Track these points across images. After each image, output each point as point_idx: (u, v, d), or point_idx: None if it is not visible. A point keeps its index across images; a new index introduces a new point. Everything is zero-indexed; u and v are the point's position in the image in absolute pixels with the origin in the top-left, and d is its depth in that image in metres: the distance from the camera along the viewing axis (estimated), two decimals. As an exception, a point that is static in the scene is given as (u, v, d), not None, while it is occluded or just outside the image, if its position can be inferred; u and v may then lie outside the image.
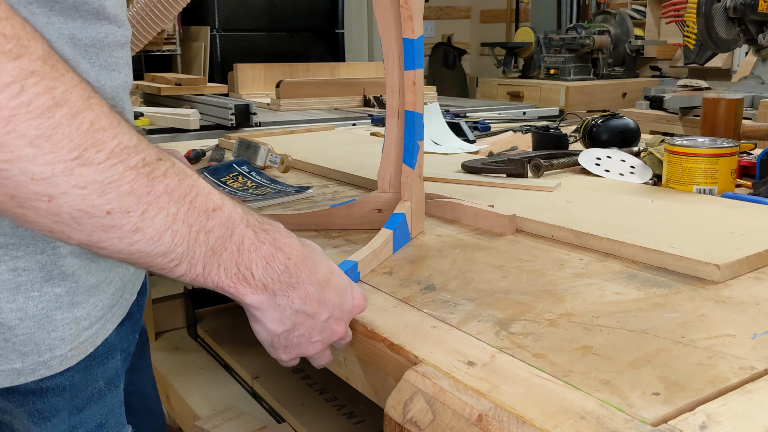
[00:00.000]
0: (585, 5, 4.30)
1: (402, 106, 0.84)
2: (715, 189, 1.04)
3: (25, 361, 0.57)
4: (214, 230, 0.49)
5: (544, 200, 1.01)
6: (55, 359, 0.59)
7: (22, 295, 0.56)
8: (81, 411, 0.63)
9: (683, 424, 0.46)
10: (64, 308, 0.58)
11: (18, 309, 0.56)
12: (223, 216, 0.50)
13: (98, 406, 0.65)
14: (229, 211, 0.51)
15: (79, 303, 0.60)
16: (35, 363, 0.58)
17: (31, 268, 0.56)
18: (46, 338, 0.57)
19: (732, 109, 1.41)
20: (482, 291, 0.71)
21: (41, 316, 0.57)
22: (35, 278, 0.56)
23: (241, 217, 0.52)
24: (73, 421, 0.63)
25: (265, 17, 3.65)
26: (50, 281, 0.57)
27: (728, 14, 2.16)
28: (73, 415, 0.62)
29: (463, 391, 0.51)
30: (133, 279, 0.70)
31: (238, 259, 0.52)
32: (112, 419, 0.67)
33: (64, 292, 0.58)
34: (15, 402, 0.59)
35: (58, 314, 0.58)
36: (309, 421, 1.38)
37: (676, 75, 3.71)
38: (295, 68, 3.06)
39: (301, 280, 0.55)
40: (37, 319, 0.57)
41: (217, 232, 0.50)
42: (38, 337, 0.57)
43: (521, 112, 2.65)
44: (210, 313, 1.92)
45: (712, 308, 0.65)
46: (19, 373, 0.57)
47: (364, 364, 0.64)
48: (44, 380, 0.59)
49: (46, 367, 0.58)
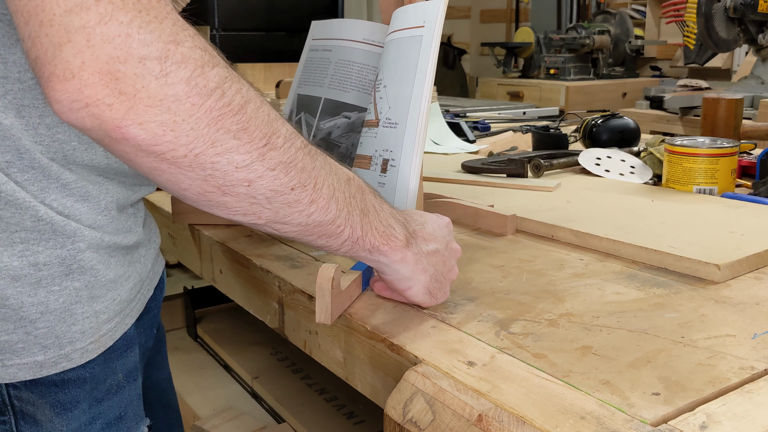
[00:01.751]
0: (585, 5, 4.30)
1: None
2: (715, 189, 1.04)
3: (47, 354, 0.59)
4: (356, 195, 0.56)
5: (544, 200, 1.01)
6: (76, 352, 0.60)
7: (43, 289, 0.58)
8: (101, 402, 0.65)
9: (683, 424, 0.46)
10: (84, 302, 0.60)
11: (39, 303, 0.58)
12: (356, 182, 0.57)
13: (117, 398, 0.66)
14: (356, 177, 0.57)
15: (98, 297, 0.61)
16: (57, 356, 0.59)
17: (51, 262, 0.58)
18: (67, 331, 0.59)
19: (732, 109, 1.41)
20: (482, 291, 0.71)
21: (62, 309, 0.59)
22: (55, 273, 0.58)
23: (363, 182, 0.58)
24: (93, 412, 0.64)
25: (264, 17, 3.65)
26: (70, 275, 0.59)
27: (728, 14, 2.16)
28: (93, 407, 0.64)
29: (463, 391, 0.51)
30: (150, 275, 0.71)
31: (380, 217, 0.58)
32: (131, 411, 0.68)
33: (83, 286, 0.60)
34: (37, 393, 0.61)
35: (78, 308, 0.60)
36: (309, 421, 1.38)
37: (676, 75, 3.71)
38: (295, 68, 3.06)
39: (413, 226, 0.61)
40: (58, 312, 0.58)
41: (358, 196, 0.56)
42: (59, 331, 0.59)
43: (521, 112, 2.64)
44: (210, 313, 1.92)
45: (712, 308, 0.65)
46: (42, 365, 0.59)
47: (364, 364, 0.64)
48: (65, 372, 0.61)
49: (67, 360, 0.60)
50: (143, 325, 0.72)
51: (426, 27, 0.69)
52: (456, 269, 0.66)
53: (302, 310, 0.73)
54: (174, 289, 2.03)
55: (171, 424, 0.88)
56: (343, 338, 0.67)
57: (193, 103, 0.43)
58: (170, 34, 0.42)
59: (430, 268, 0.62)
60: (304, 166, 0.50)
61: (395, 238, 0.58)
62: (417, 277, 0.61)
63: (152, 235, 0.72)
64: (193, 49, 0.43)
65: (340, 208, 0.54)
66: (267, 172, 0.48)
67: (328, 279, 0.62)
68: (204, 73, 0.44)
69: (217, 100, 0.44)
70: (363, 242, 0.56)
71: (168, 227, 1.06)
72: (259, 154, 0.47)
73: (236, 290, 0.89)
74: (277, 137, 0.48)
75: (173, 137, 0.44)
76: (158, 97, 0.42)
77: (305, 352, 0.74)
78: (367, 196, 0.57)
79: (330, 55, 0.92)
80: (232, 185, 0.47)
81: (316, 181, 0.51)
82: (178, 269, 2.70)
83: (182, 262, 1.09)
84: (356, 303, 0.68)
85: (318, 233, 0.54)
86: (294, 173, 0.49)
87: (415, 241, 0.61)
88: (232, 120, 0.45)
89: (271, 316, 0.80)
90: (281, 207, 0.50)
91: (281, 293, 0.77)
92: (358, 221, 0.55)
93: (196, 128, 0.44)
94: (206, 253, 0.95)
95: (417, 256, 0.61)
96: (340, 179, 0.54)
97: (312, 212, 0.52)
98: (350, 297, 0.67)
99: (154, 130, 0.43)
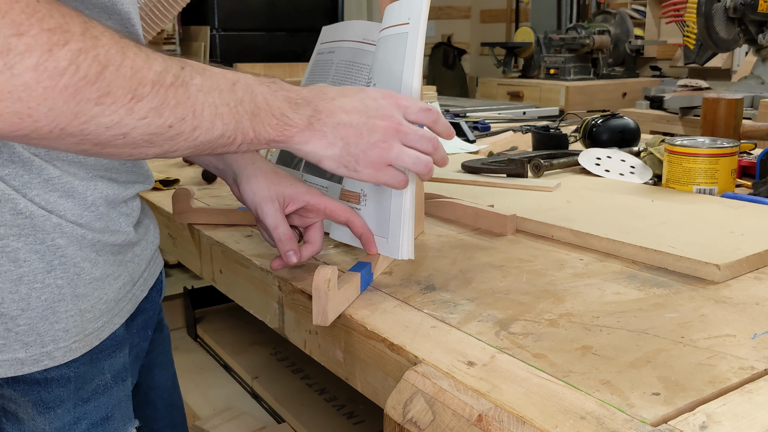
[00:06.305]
0: (585, 5, 4.30)
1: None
2: (715, 189, 1.04)
3: (29, 351, 0.58)
4: (243, 100, 0.57)
5: (544, 200, 1.01)
6: (59, 350, 0.60)
7: (25, 285, 0.57)
8: (86, 402, 0.64)
9: (683, 424, 0.46)
10: (68, 300, 0.59)
11: (20, 299, 0.57)
12: (242, 85, 0.57)
13: (104, 398, 0.66)
14: (243, 78, 0.58)
15: (84, 295, 0.61)
16: (39, 353, 0.59)
17: (31, 258, 0.57)
18: (50, 329, 0.59)
19: (732, 109, 1.41)
20: (482, 291, 0.71)
21: (44, 307, 0.58)
22: (37, 269, 0.57)
23: (252, 80, 0.59)
24: (78, 412, 0.64)
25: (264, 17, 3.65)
26: (52, 272, 0.58)
27: (728, 14, 2.16)
28: (78, 406, 0.63)
29: (463, 391, 0.51)
30: (145, 276, 0.71)
31: (272, 111, 0.59)
32: (119, 413, 0.68)
33: (66, 284, 0.59)
34: (20, 391, 0.60)
35: (61, 306, 0.59)
36: (309, 421, 1.38)
37: (676, 75, 3.70)
38: (295, 68, 3.06)
39: (319, 104, 0.62)
40: (40, 310, 0.58)
41: (247, 99, 0.57)
42: (41, 328, 0.58)
43: (521, 112, 2.64)
44: (210, 313, 1.92)
45: (712, 308, 0.65)
46: (23, 362, 0.58)
47: (364, 364, 0.64)
48: (48, 371, 0.60)
49: (49, 358, 0.59)
50: (136, 327, 0.71)
51: (411, 23, 0.69)
52: (383, 144, 0.63)
53: (302, 310, 0.73)
54: (174, 289, 2.03)
55: (175, 424, 0.88)
56: (343, 338, 0.67)
57: (45, 86, 0.44)
58: (12, 27, 0.43)
59: (339, 142, 0.62)
60: (178, 100, 0.52)
61: (290, 126, 0.60)
62: (323, 152, 0.62)
63: (149, 235, 0.71)
64: (38, 35, 0.44)
65: (226, 122, 0.55)
66: (139, 122, 0.50)
67: (325, 280, 0.62)
68: (53, 55, 0.44)
69: (72, 75, 0.45)
70: (258, 141, 0.59)
71: (168, 227, 1.06)
72: (127, 111, 0.49)
73: (236, 290, 0.89)
74: (144, 86, 0.49)
75: (32, 122, 0.45)
76: (6, 90, 0.43)
77: (305, 352, 0.74)
78: (257, 94, 0.58)
79: (333, 57, 0.92)
80: (108, 141, 0.49)
81: (194, 108, 0.53)
82: (178, 269, 2.70)
83: (182, 262, 1.09)
84: (356, 303, 0.68)
85: (210, 148, 0.56)
86: (168, 112, 0.51)
87: (319, 118, 0.62)
88: (91, 89, 0.46)
89: (271, 316, 0.80)
90: (164, 143, 0.52)
91: (281, 293, 0.77)
92: (248, 125, 0.57)
93: (54, 107, 0.45)
94: (206, 253, 0.95)
95: (320, 133, 0.62)
96: (222, 91, 0.55)
97: (197, 136, 0.54)
98: (348, 298, 0.67)
99: (11, 120, 0.45)
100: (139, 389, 0.77)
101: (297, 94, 0.62)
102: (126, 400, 0.69)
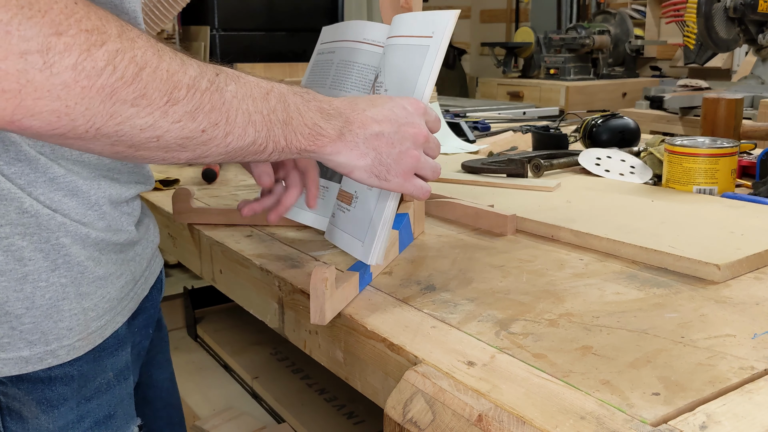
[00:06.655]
0: (585, 5, 4.30)
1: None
2: (715, 189, 1.04)
3: (33, 350, 0.59)
4: (276, 108, 0.57)
5: (544, 200, 1.01)
6: (63, 349, 0.60)
7: (29, 284, 0.58)
8: (89, 401, 0.64)
9: (683, 424, 0.46)
10: (71, 298, 0.60)
11: (25, 298, 0.57)
12: (276, 94, 0.58)
13: (107, 396, 0.66)
14: (277, 87, 0.59)
15: (87, 294, 0.61)
16: (43, 352, 0.59)
17: (36, 257, 0.58)
18: (54, 328, 0.59)
19: (732, 109, 1.41)
20: (482, 291, 0.71)
21: (48, 305, 0.59)
22: (41, 267, 0.58)
23: (286, 89, 0.60)
24: (81, 410, 0.64)
25: (264, 17, 3.65)
26: (56, 271, 0.59)
27: (728, 14, 2.16)
28: (81, 405, 0.64)
29: (463, 391, 0.51)
30: (146, 274, 0.71)
31: (304, 121, 0.59)
32: (121, 411, 0.68)
33: (70, 282, 0.60)
34: (23, 389, 0.61)
35: (65, 304, 0.59)
36: (309, 421, 1.38)
37: (676, 75, 3.70)
38: (295, 68, 3.06)
39: (351, 115, 0.63)
40: (44, 308, 0.58)
41: (280, 108, 0.58)
42: (45, 327, 0.59)
43: (521, 112, 2.64)
44: (210, 313, 1.92)
45: (712, 308, 0.65)
46: (27, 361, 0.59)
47: (364, 364, 0.64)
48: (52, 369, 0.60)
49: (53, 356, 0.60)
50: (137, 325, 0.72)
51: (434, 38, 0.70)
52: (413, 152, 0.65)
53: (302, 310, 0.73)
54: (174, 289, 2.03)
55: (173, 424, 0.88)
56: (343, 338, 0.67)
57: (83, 86, 0.45)
58: (52, 26, 0.43)
59: (371, 152, 0.63)
60: (212, 106, 0.52)
61: (322, 136, 0.60)
62: (355, 163, 0.63)
63: (150, 234, 0.72)
64: (77, 35, 0.44)
65: (258, 130, 0.56)
66: (173, 126, 0.50)
67: (323, 279, 0.62)
68: (91, 54, 0.45)
69: (109, 76, 0.46)
70: (289, 149, 0.59)
71: (168, 227, 1.06)
72: (162, 113, 0.49)
73: (236, 290, 0.89)
74: (179, 90, 0.50)
75: (69, 120, 0.45)
76: (45, 89, 0.44)
77: (305, 352, 0.74)
78: (290, 103, 0.59)
79: (333, 57, 0.92)
80: (141, 143, 0.50)
81: (228, 114, 0.53)
82: (178, 269, 2.70)
83: (182, 262, 1.09)
84: (356, 303, 0.68)
85: (242, 155, 0.56)
86: (202, 117, 0.51)
87: (351, 129, 0.62)
88: (128, 90, 0.47)
89: (271, 316, 0.80)
90: (197, 147, 0.53)
91: (281, 293, 0.77)
92: (280, 133, 0.57)
93: (91, 107, 0.45)
94: (206, 253, 0.95)
95: (352, 144, 0.62)
96: (255, 99, 0.56)
97: (229, 142, 0.54)
98: (346, 298, 0.67)
99: (48, 119, 0.45)
100: (137, 388, 0.77)
101: (329, 104, 0.62)
102: (128, 399, 0.70)
